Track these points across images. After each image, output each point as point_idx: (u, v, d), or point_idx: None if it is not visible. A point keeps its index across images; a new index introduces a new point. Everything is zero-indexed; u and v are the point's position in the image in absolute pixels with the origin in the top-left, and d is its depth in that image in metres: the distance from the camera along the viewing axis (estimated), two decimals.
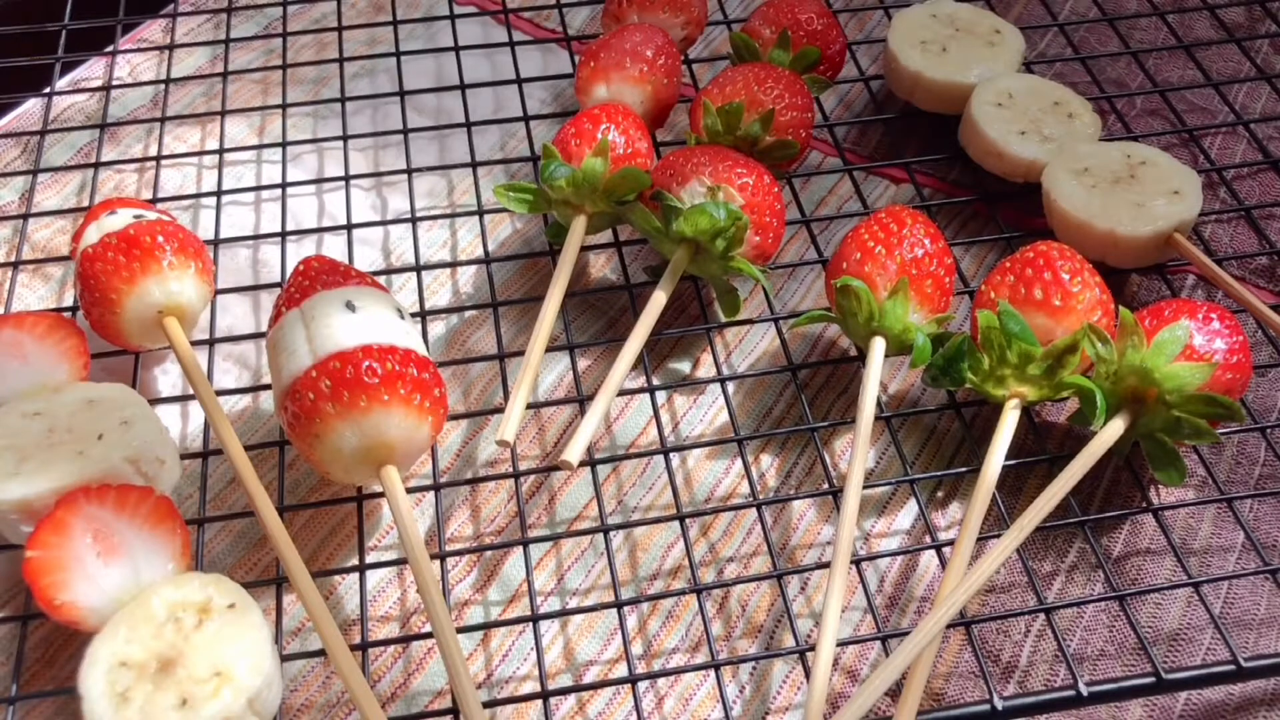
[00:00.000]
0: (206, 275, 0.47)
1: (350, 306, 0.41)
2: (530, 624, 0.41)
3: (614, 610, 0.42)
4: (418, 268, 0.51)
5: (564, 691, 0.40)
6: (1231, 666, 0.40)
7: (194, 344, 0.47)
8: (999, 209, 0.55)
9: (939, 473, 0.46)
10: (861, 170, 0.58)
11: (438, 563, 0.42)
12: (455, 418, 0.48)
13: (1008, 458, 0.42)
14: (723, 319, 0.49)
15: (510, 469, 0.46)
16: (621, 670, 0.42)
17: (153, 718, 0.34)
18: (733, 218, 0.46)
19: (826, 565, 0.43)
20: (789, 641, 0.42)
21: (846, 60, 0.58)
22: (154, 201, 0.54)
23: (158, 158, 0.56)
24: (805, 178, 0.57)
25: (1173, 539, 0.43)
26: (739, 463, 0.47)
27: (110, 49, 0.62)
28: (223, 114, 0.59)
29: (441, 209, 0.56)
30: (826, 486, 0.45)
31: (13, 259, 0.52)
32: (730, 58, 0.56)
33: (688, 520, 0.44)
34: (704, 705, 0.41)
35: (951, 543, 0.42)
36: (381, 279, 0.48)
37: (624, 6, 0.56)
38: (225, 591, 0.37)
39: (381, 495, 0.44)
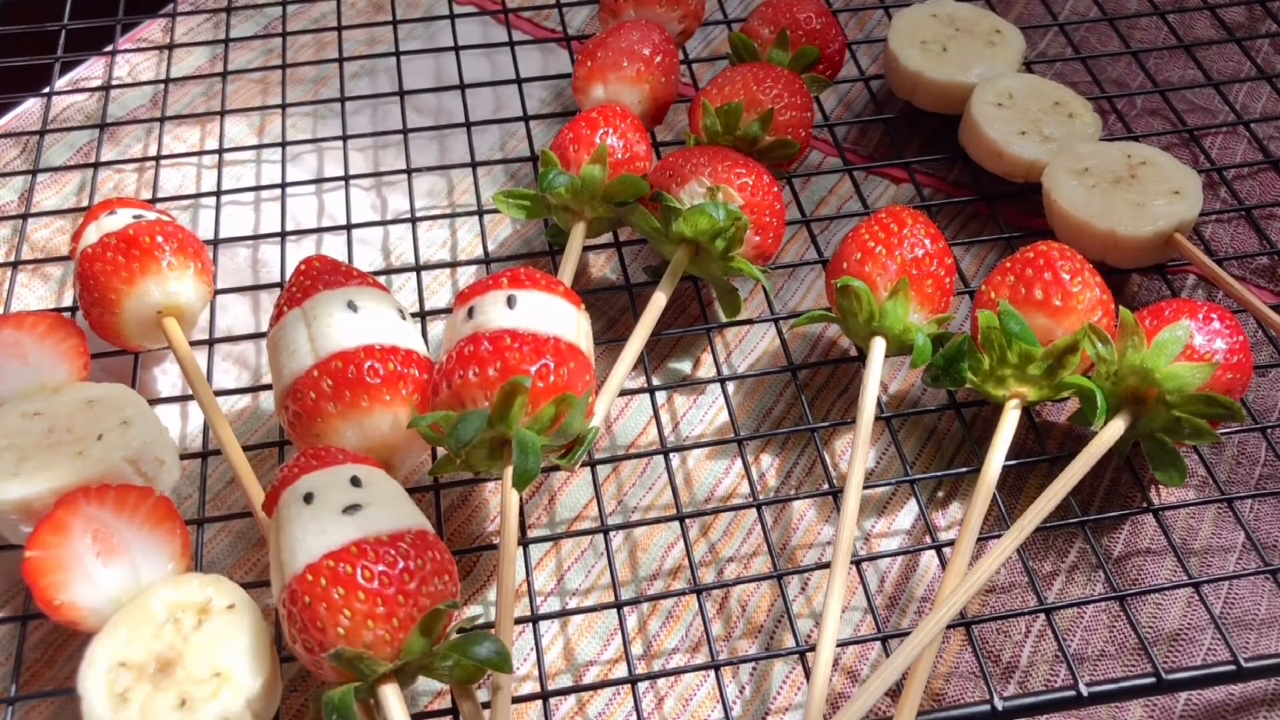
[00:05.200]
0: (206, 275, 0.47)
1: (352, 306, 0.41)
2: (530, 624, 0.41)
3: (614, 610, 0.42)
4: (417, 268, 0.51)
5: (564, 692, 0.40)
6: (1232, 667, 0.40)
7: (193, 344, 0.47)
8: (999, 209, 0.55)
9: (939, 473, 0.46)
10: (861, 170, 0.58)
11: None
12: None
13: (1008, 458, 0.42)
14: (723, 319, 0.49)
15: None
16: (621, 670, 0.42)
17: (152, 718, 0.34)
18: (732, 218, 0.46)
19: (826, 565, 0.43)
20: (789, 642, 0.42)
21: (846, 60, 0.58)
22: (153, 201, 0.54)
23: (157, 158, 0.56)
24: (805, 178, 0.57)
25: (1173, 539, 0.43)
26: (739, 463, 0.47)
27: (110, 49, 0.62)
28: (222, 114, 0.59)
29: (441, 209, 0.56)
30: (826, 486, 0.45)
31: (12, 259, 0.52)
32: (729, 57, 0.56)
33: (688, 520, 0.44)
34: (704, 705, 0.41)
35: (952, 543, 0.42)
36: (381, 279, 0.48)
37: (620, 2, 0.56)
38: (225, 592, 0.37)
39: None
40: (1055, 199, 0.50)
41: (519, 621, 0.41)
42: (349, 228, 0.53)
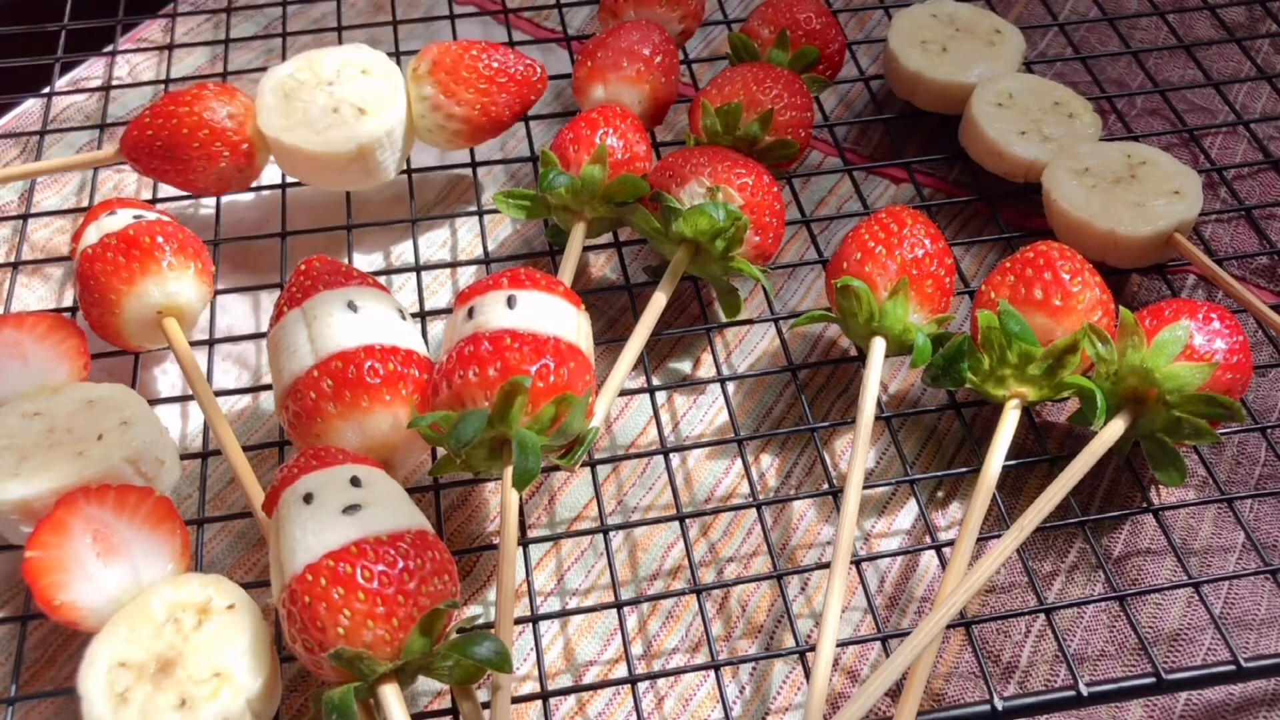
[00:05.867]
0: (206, 275, 0.47)
1: (352, 306, 0.41)
2: (530, 624, 0.41)
3: (614, 610, 0.42)
4: (417, 268, 0.51)
5: (564, 692, 0.40)
6: (1232, 667, 0.40)
7: (193, 344, 0.47)
8: (999, 209, 0.55)
9: (939, 473, 0.46)
10: (861, 170, 0.58)
11: None
12: None
13: (1008, 458, 0.42)
14: (723, 319, 0.50)
15: None
16: (621, 670, 0.42)
17: (152, 718, 0.34)
18: (732, 218, 0.46)
19: (826, 565, 0.43)
20: (789, 642, 0.42)
21: (846, 60, 0.58)
22: (154, 202, 0.54)
23: None
24: (805, 178, 0.57)
25: (1173, 539, 0.43)
26: (739, 463, 0.47)
27: (110, 49, 0.62)
28: None
29: (441, 209, 0.56)
30: (826, 486, 0.45)
31: (12, 259, 0.52)
32: (729, 57, 0.56)
33: (688, 520, 0.44)
34: (704, 705, 0.41)
35: (952, 543, 0.42)
36: (381, 279, 0.48)
37: (620, 2, 0.56)
38: (225, 592, 0.37)
39: None
40: (1055, 199, 0.50)
41: (519, 621, 0.41)
42: (349, 228, 0.53)
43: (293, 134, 0.49)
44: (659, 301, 0.46)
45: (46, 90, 0.60)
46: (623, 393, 0.47)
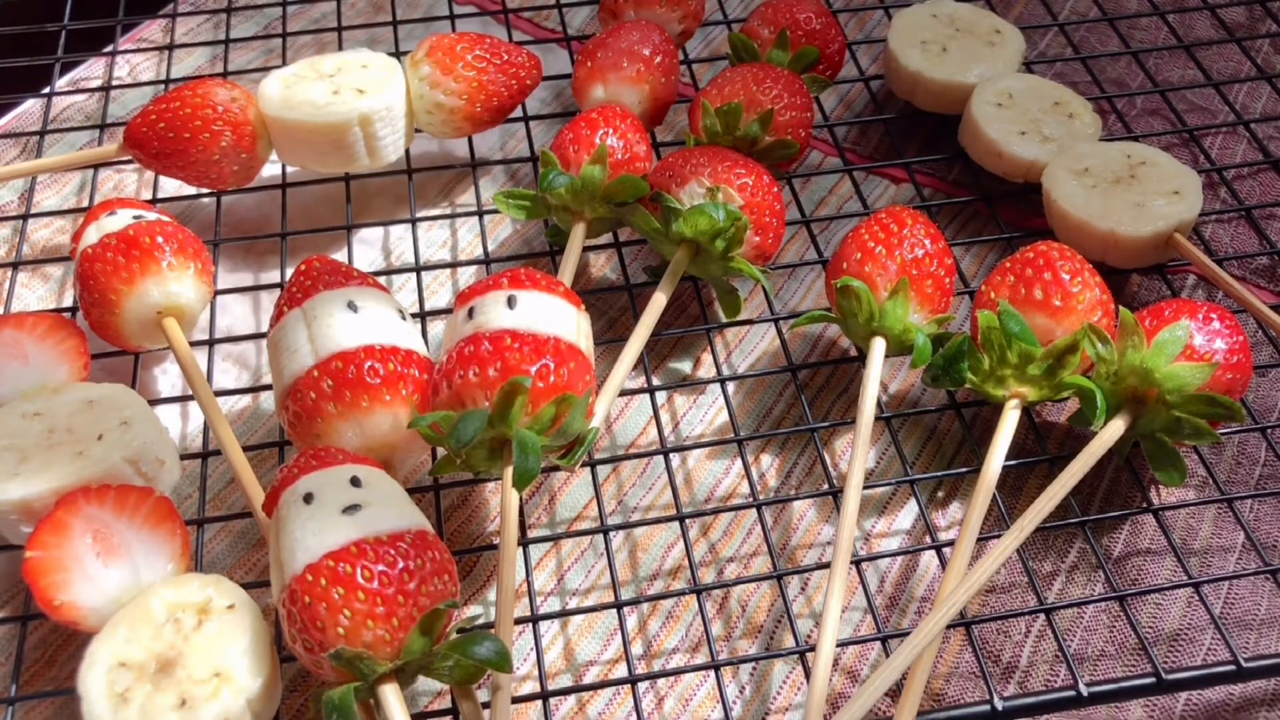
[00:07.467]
0: (206, 276, 0.47)
1: (352, 306, 0.41)
2: (530, 624, 0.41)
3: (614, 610, 0.42)
4: (417, 268, 0.51)
5: (564, 692, 0.40)
6: (1232, 667, 0.40)
7: (193, 344, 0.47)
8: (999, 209, 0.55)
9: (939, 473, 0.46)
10: (861, 170, 0.58)
11: None
12: None
13: (1008, 458, 0.42)
14: (723, 319, 0.50)
15: None
16: (621, 670, 0.42)
17: (152, 718, 0.34)
18: (732, 218, 0.46)
19: (826, 565, 0.43)
20: (789, 642, 0.42)
21: (846, 60, 0.58)
22: (154, 202, 0.54)
23: None
24: (805, 178, 0.57)
25: (1173, 539, 0.43)
26: (739, 463, 0.47)
27: (110, 49, 0.62)
28: None
29: (441, 209, 0.56)
30: (826, 486, 0.45)
31: (12, 259, 0.52)
32: (729, 58, 0.56)
33: (688, 520, 0.44)
34: (704, 705, 0.41)
35: (952, 543, 0.42)
36: (381, 279, 0.48)
37: (620, 2, 0.56)
38: (225, 592, 0.37)
39: None
40: (1055, 199, 0.50)
41: (519, 621, 0.41)
42: (349, 228, 0.53)
43: (295, 111, 0.50)
44: (659, 301, 0.46)
45: (46, 90, 0.60)
46: (623, 393, 0.47)
